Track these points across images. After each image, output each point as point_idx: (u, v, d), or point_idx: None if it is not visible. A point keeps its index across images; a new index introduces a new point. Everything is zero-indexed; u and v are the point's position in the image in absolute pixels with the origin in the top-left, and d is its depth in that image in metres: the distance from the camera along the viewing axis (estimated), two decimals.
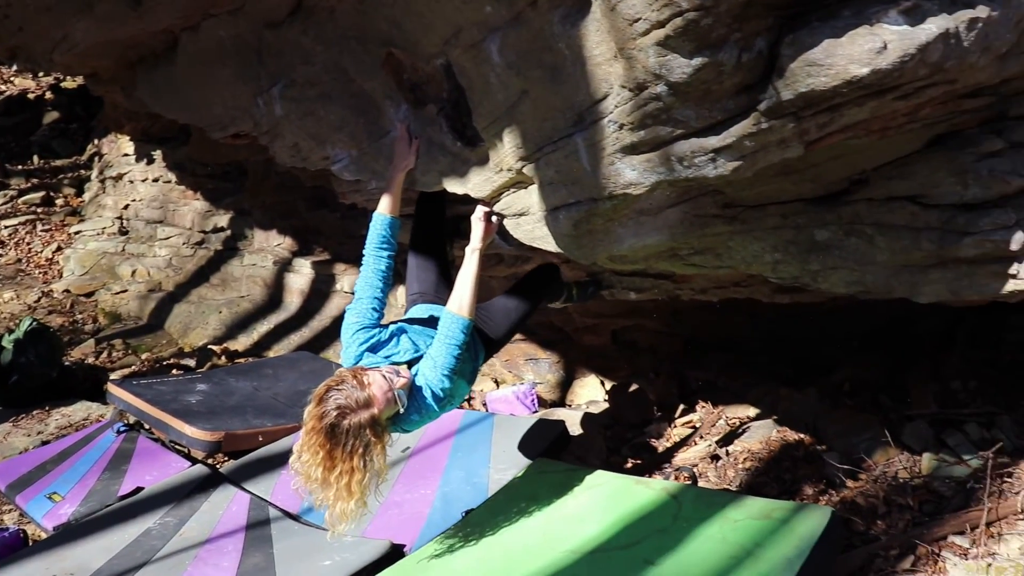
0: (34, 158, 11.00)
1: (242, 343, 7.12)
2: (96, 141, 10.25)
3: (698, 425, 4.61)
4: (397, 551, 3.34)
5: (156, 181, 8.82)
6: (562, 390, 5.57)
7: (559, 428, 4.21)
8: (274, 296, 7.45)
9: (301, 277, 7.32)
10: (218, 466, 4.49)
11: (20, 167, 10.87)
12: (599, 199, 2.56)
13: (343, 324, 2.89)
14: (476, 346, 3.05)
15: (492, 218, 3.06)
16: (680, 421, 4.74)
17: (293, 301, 7.28)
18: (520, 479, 3.63)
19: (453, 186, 3.14)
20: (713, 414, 4.64)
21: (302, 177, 5.58)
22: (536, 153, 2.66)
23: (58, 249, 9.26)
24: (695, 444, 4.38)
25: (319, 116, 3.56)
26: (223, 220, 8.17)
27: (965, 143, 2.37)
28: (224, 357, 6.83)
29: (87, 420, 5.45)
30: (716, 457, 4.13)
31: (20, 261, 9.12)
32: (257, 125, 4.01)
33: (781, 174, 2.48)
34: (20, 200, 10.06)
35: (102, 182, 9.61)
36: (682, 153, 2.25)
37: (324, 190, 5.90)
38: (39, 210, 9.94)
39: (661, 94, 2.12)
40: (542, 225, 2.92)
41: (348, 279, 6.90)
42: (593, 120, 2.39)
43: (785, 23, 1.99)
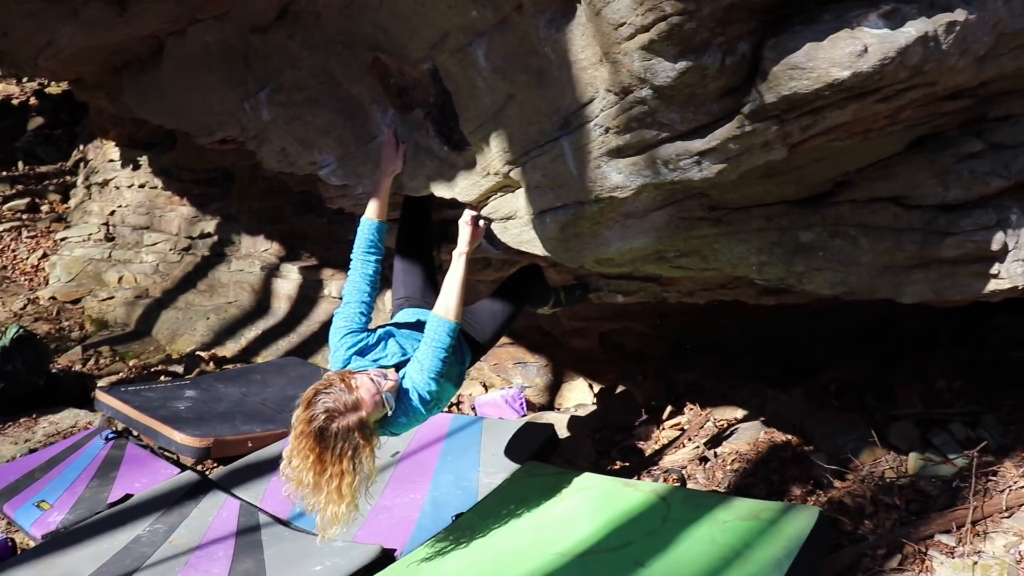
0: (19, 164, 10.91)
1: (230, 349, 7.09)
2: (81, 147, 10.19)
3: (686, 427, 4.62)
4: (387, 555, 3.34)
5: (142, 187, 8.78)
6: (550, 394, 5.58)
7: (548, 431, 4.21)
8: (262, 302, 7.42)
9: (288, 282, 7.30)
10: (207, 472, 4.47)
11: (4, 173, 10.77)
12: (586, 202, 2.58)
13: (331, 328, 2.90)
14: (462, 349, 3.05)
15: (479, 222, 3.07)
16: (668, 423, 4.75)
17: (281, 306, 7.27)
18: (509, 482, 3.63)
19: (440, 190, 3.15)
20: (701, 416, 4.65)
21: (289, 182, 5.57)
22: (523, 157, 2.67)
23: (44, 256, 9.20)
24: (683, 446, 4.39)
25: (306, 121, 3.56)
26: (210, 226, 8.14)
27: (946, 145, 2.40)
28: (212, 363, 6.80)
29: (75, 427, 5.41)
30: (704, 459, 4.14)
31: (5, 268, 9.04)
32: (244, 130, 4.01)
33: (765, 176, 2.50)
34: (5, 207, 9.97)
35: (88, 188, 9.56)
36: (667, 156, 2.27)
37: (311, 195, 5.88)
38: (24, 216, 9.86)
39: (646, 98, 2.14)
40: (529, 229, 2.93)
41: (336, 284, 6.88)
42: (579, 124, 2.40)
43: (767, 27, 2.01)
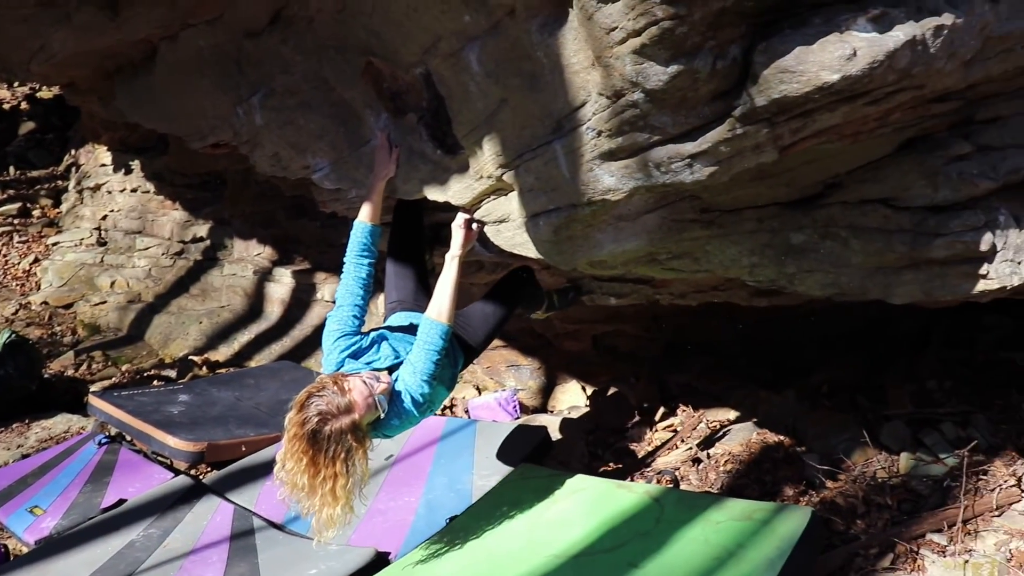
0: (10, 169, 10.87)
1: (223, 353, 7.08)
2: (73, 151, 10.16)
3: (679, 428, 4.64)
4: (382, 559, 3.35)
5: (134, 191, 8.76)
6: (544, 396, 5.59)
7: (541, 434, 4.22)
8: (254, 306, 7.42)
9: (281, 286, 7.30)
10: (201, 477, 4.47)
11: None
12: (578, 205, 2.59)
13: (324, 331, 2.90)
14: (455, 352, 3.06)
15: (472, 225, 3.08)
16: (661, 425, 4.77)
17: (274, 310, 7.26)
18: (503, 485, 3.64)
19: (434, 194, 3.15)
20: (693, 417, 4.67)
21: (282, 186, 5.57)
22: (516, 160, 2.68)
23: (35, 261, 9.17)
24: (676, 447, 4.41)
25: (299, 125, 3.57)
26: (202, 230, 8.13)
27: (934, 146, 2.43)
28: (205, 367, 6.80)
29: (68, 433, 5.41)
30: (697, 460, 4.16)
31: None
32: (237, 135, 4.00)
33: (757, 179, 2.51)
34: None
35: (80, 193, 9.54)
36: (659, 159, 2.28)
37: (304, 199, 5.89)
38: (16, 221, 9.83)
39: (638, 101, 2.15)
40: (522, 232, 2.94)
41: (328, 288, 6.88)
42: (572, 127, 2.41)
43: (758, 31, 2.02)
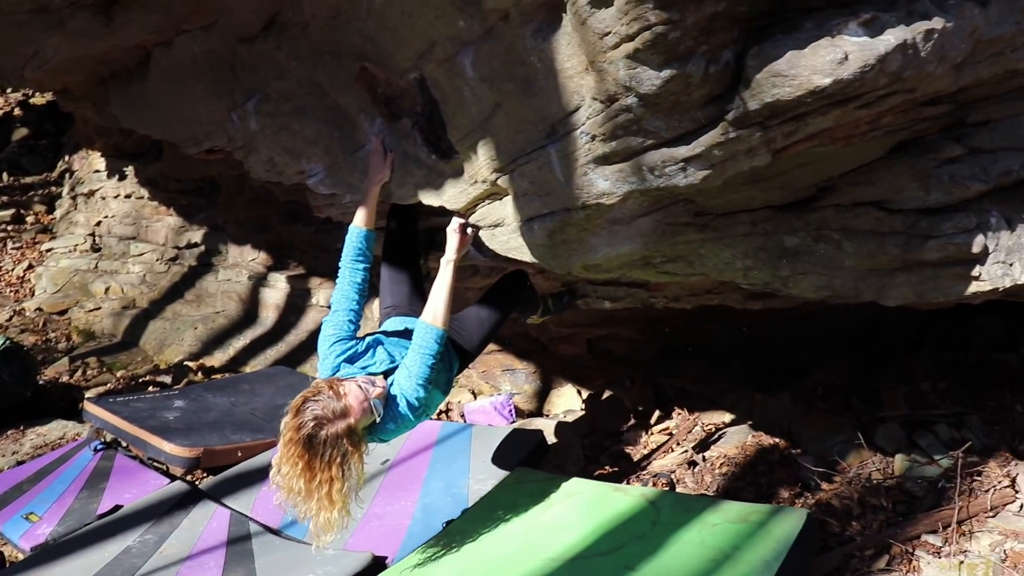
0: (3, 175, 10.86)
1: (218, 359, 7.07)
2: (67, 157, 10.15)
3: (674, 431, 4.64)
4: (379, 563, 3.34)
5: (128, 197, 8.75)
6: (539, 400, 5.59)
7: (537, 438, 4.22)
8: (249, 311, 7.41)
9: (276, 292, 7.29)
10: (197, 482, 4.46)
11: None
12: (573, 209, 2.60)
13: (320, 336, 2.90)
14: (450, 356, 3.06)
15: (467, 229, 3.08)
16: (656, 428, 4.78)
17: (269, 316, 7.26)
18: (499, 488, 3.64)
19: (428, 198, 3.16)
20: (689, 420, 4.68)
21: (276, 191, 5.57)
22: (510, 165, 2.69)
23: (29, 267, 9.15)
24: (672, 450, 4.41)
25: (294, 130, 3.57)
26: (197, 236, 8.12)
27: (926, 149, 2.45)
28: (200, 373, 6.78)
29: (63, 439, 5.39)
30: (693, 463, 4.17)
31: None
32: (231, 140, 4.01)
33: (750, 182, 2.53)
34: None
35: (73, 199, 9.52)
36: (653, 163, 2.29)
37: (298, 204, 5.88)
38: (9, 228, 9.81)
39: (631, 105, 2.16)
40: (517, 236, 2.95)
41: (323, 293, 6.88)
42: (565, 132, 2.42)
43: (750, 35, 2.04)
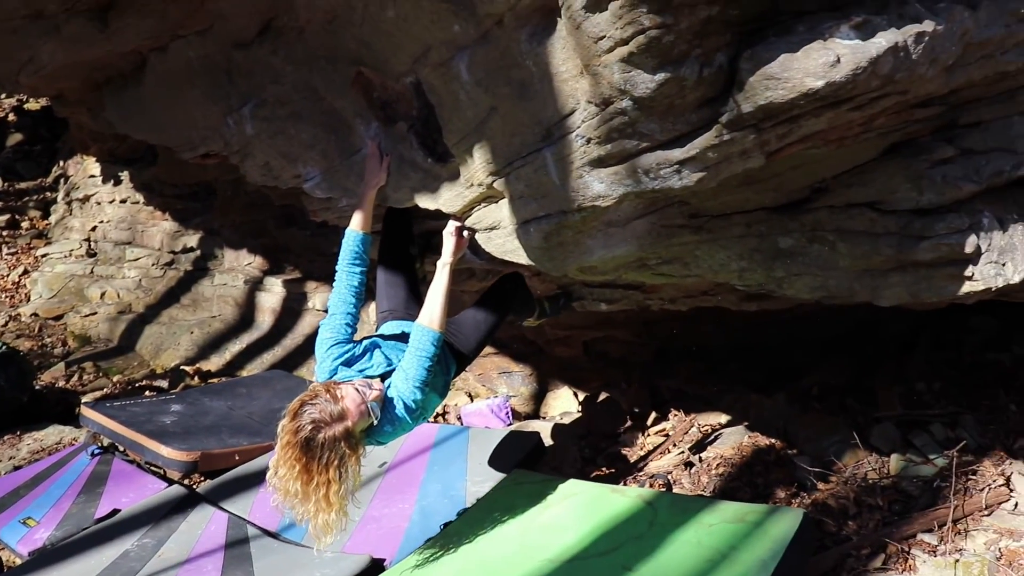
0: None
1: (215, 363, 7.07)
2: (62, 163, 10.14)
3: (671, 433, 4.65)
4: (377, 566, 3.34)
5: (124, 202, 8.75)
6: (536, 402, 5.60)
7: (534, 439, 4.23)
8: (246, 315, 7.41)
9: (272, 296, 7.29)
10: (195, 486, 4.46)
11: None
12: (568, 212, 2.61)
13: (317, 340, 2.91)
14: (447, 359, 3.07)
15: (463, 232, 3.09)
16: (653, 429, 4.79)
17: (265, 320, 7.26)
18: (496, 491, 3.65)
19: (425, 202, 3.17)
20: (685, 421, 4.69)
21: (272, 196, 5.57)
22: (506, 168, 2.70)
23: (25, 272, 9.14)
24: (668, 452, 4.42)
25: (290, 135, 3.58)
26: (192, 240, 8.12)
27: (919, 151, 2.46)
28: (197, 377, 6.79)
29: (60, 444, 5.38)
30: (690, 464, 4.18)
31: None
32: (227, 145, 4.01)
33: (744, 184, 2.54)
34: None
35: (68, 204, 9.51)
36: (648, 165, 2.31)
37: (294, 208, 5.89)
38: (5, 233, 9.80)
39: (626, 108, 2.18)
40: (513, 238, 2.96)
41: (320, 297, 6.88)
42: (561, 135, 2.44)
43: (743, 39, 2.05)
